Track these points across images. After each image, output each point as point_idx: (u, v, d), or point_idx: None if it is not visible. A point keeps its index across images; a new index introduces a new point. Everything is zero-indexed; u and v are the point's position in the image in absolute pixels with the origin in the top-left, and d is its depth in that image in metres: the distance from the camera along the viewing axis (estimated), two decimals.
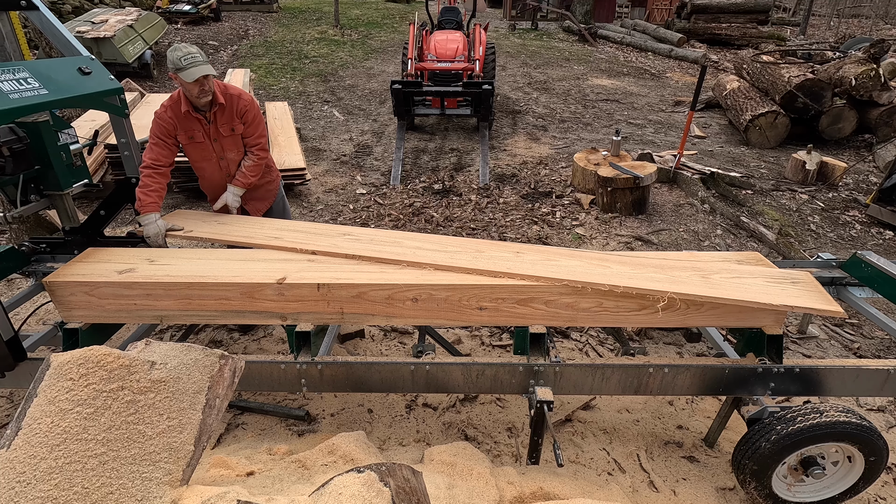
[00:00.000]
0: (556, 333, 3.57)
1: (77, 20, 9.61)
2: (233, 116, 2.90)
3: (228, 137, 2.94)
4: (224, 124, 2.90)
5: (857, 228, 5.30)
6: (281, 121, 6.83)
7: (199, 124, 2.86)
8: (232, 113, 2.89)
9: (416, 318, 2.30)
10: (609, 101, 9.81)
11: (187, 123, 2.84)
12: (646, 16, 18.75)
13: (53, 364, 1.41)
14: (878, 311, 2.63)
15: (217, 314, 2.31)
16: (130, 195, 2.77)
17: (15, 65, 2.13)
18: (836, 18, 20.76)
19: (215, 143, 2.93)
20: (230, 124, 2.91)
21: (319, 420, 2.84)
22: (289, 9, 18.34)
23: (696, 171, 6.01)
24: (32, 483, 1.25)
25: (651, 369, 2.25)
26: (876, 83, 7.06)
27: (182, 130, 2.85)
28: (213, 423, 1.48)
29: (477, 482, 2.12)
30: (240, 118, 2.91)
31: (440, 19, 9.19)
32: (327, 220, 5.27)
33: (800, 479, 2.31)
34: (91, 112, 5.77)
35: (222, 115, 2.88)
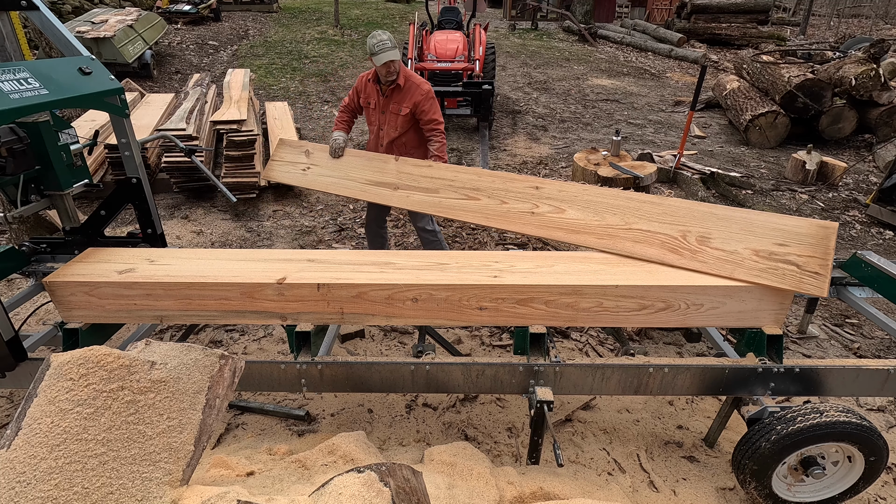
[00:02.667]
0: (556, 333, 3.57)
1: (77, 20, 9.60)
2: (405, 99, 3.44)
3: (393, 115, 3.49)
4: (395, 103, 3.47)
5: (857, 228, 5.30)
6: (281, 121, 6.82)
7: (375, 94, 3.52)
8: (406, 96, 3.43)
9: (416, 318, 2.30)
10: (609, 101, 9.82)
11: (368, 91, 3.55)
12: (646, 16, 18.75)
13: (53, 364, 1.41)
14: (878, 311, 2.63)
15: (217, 314, 2.31)
16: (131, 195, 2.78)
17: (15, 65, 2.13)
18: (836, 18, 20.76)
19: (382, 114, 3.53)
20: (400, 105, 3.45)
21: (319, 420, 2.84)
22: (289, 9, 18.34)
23: (696, 171, 6.01)
24: (32, 483, 1.25)
25: (651, 369, 2.25)
26: (876, 83, 7.06)
27: (363, 94, 3.59)
28: (213, 423, 1.48)
29: (477, 482, 2.12)
30: (413, 104, 3.43)
31: (440, 19, 9.19)
32: (327, 220, 5.27)
33: (800, 479, 2.31)
34: (91, 112, 5.77)
35: (396, 95, 3.45)
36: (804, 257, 2.18)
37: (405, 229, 5.10)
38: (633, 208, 2.53)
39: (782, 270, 2.20)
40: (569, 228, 2.63)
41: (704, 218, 2.40)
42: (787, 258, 2.21)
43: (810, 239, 2.19)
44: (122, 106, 2.59)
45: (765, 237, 2.27)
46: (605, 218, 2.57)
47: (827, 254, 2.14)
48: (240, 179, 5.27)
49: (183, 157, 5.11)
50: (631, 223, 2.52)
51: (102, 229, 2.86)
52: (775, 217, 2.29)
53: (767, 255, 2.24)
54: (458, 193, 2.91)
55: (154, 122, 5.84)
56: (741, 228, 2.32)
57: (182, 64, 11.11)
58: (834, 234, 2.16)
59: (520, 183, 2.81)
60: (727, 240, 2.33)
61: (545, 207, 2.70)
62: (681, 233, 2.42)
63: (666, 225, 2.45)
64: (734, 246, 2.31)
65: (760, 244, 2.26)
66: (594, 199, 2.62)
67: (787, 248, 2.22)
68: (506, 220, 2.78)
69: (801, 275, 2.17)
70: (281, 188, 5.67)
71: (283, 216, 5.34)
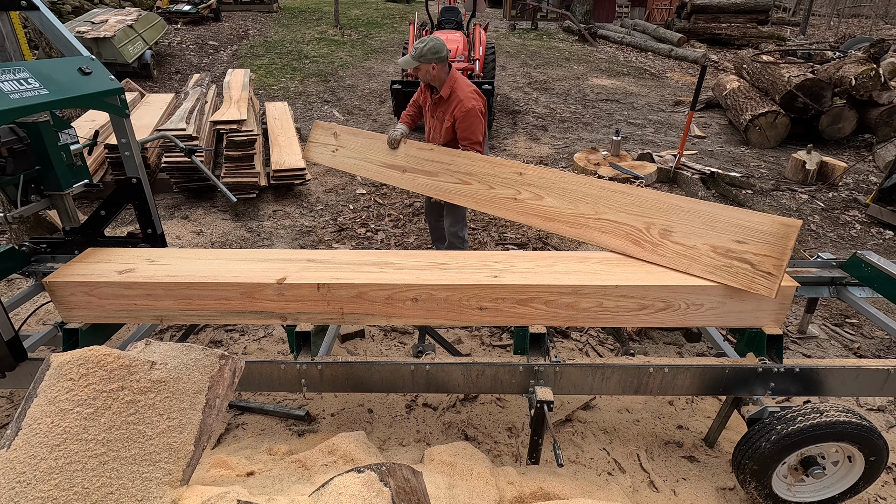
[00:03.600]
0: (556, 333, 3.57)
1: (77, 20, 9.60)
2: (447, 112, 3.45)
3: (438, 122, 3.55)
4: (439, 112, 3.52)
5: (857, 228, 5.30)
6: (281, 121, 6.83)
7: (428, 97, 3.62)
8: (448, 109, 3.44)
9: (416, 318, 2.30)
10: (609, 101, 9.82)
11: (424, 92, 3.67)
12: (646, 16, 18.75)
13: (53, 364, 1.41)
14: (878, 311, 2.63)
15: (217, 314, 2.31)
16: (131, 195, 2.78)
17: (15, 65, 2.13)
18: (836, 18, 20.77)
19: (431, 118, 3.63)
20: (443, 116, 3.48)
21: (319, 420, 2.84)
22: (289, 9, 18.34)
23: (696, 171, 6.01)
24: (32, 483, 1.25)
25: (651, 369, 2.25)
26: (876, 83, 7.06)
27: (422, 94, 3.70)
28: (213, 423, 1.48)
29: (477, 482, 2.12)
30: (453, 118, 3.42)
31: (440, 19, 9.18)
32: (327, 220, 5.27)
33: (800, 479, 2.31)
34: (91, 112, 5.77)
35: (442, 105, 3.50)
36: (760, 256, 2.13)
37: (405, 229, 5.10)
38: (604, 197, 2.54)
39: (736, 269, 2.18)
40: (545, 216, 2.69)
41: (670, 210, 2.38)
42: (742, 256, 2.17)
43: (769, 237, 2.13)
44: (122, 106, 2.59)
45: (725, 233, 2.23)
46: (577, 207, 2.60)
47: (783, 254, 2.07)
48: (240, 179, 5.28)
49: (183, 157, 5.11)
50: (600, 213, 2.54)
51: (102, 229, 2.86)
52: (739, 213, 2.24)
53: (725, 251, 2.21)
54: (454, 178, 2.99)
55: (154, 122, 5.84)
56: (703, 223, 2.29)
57: (182, 64, 11.11)
58: (795, 233, 2.07)
59: (506, 168, 2.84)
60: (688, 234, 2.31)
61: (526, 194, 2.74)
62: (645, 225, 2.42)
63: (632, 216, 2.46)
64: (694, 241, 2.29)
65: (720, 240, 2.24)
66: (570, 186, 2.64)
67: (744, 245, 2.18)
68: (492, 206, 2.86)
69: (753, 274, 2.14)
70: (280, 188, 5.67)
71: (283, 216, 5.34)
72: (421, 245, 4.84)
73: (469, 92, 3.43)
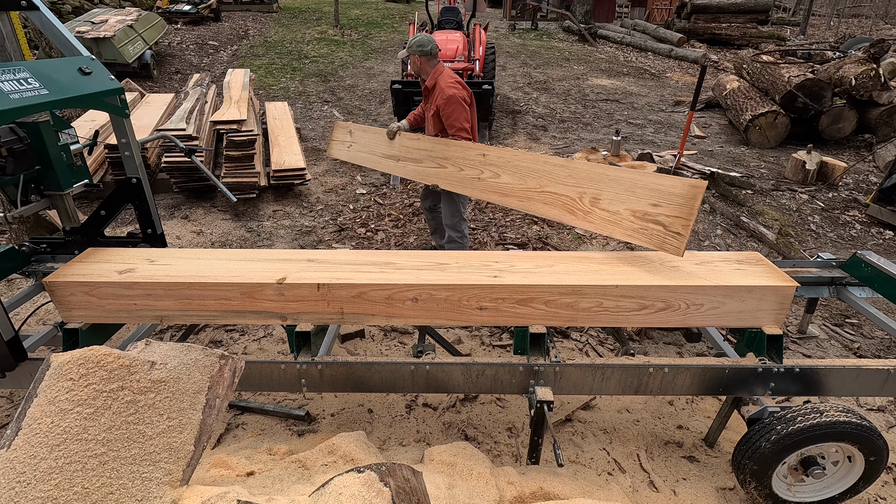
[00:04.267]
0: (556, 333, 3.57)
1: (77, 20, 9.60)
2: (432, 102, 3.66)
3: (428, 114, 3.77)
4: (428, 103, 3.74)
5: (857, 228, 5.30)
6: (281, 121, 6.83)
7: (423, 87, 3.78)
8: (433, 99, 3.66)
9: (416, 318, 2.30)
10: (609, 101, 9.82)
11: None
12: (646, 16, 18.75)
13: (53, 364, 1.41)
14: (878, 311, 2.63)
15: (217, 314, 2.31)
16: (131, 195, 2.78)
17: (15, 65, 2.13)
18: (836, 18, 20.77)
19: (424, 110, 3.84)
20: (430, 106, 3.71)
21: (319, 420, 2.84)
22: (289, 9, 18.34)
23: (696, 171, 6.01)
24: (32, 483, 1.25)
25: (651, 369, 2.25)
26: (876, 83, 7.06)
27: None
28: (213, 423, 1.48)
29: (477, 482, 2.12)
30: (436, 107, 3.61)
31: (440, 19, 9.18)
32: (327, 220, 5.27)
33: (800, 479, 2.31)
34: (91, 112, 5.77)
35: (428, 96, 3.73)
36: (671, 217, 2.26)
37: (405, 229, 5.10)
38: (547, 171, 2.72)
39: (651, 230, 2.32)
40: (501, 192, 2.92)
41: (599, 180, 2.52)
42: (657, 218, 2.30)
43: (679, 199, 2.25)
44: (122, 106, 2.59)
45: (644, 198, 2.36)
46: (526, 182, 2.81)
47: (691, 214, 2.20)
48: (240, 179, 5.28)
49: (183, 157, 5.11)
50: (544, 186, 2.73)
51: (102, 229, 2.86)
52: (657, 178, 2.36)
53: (642, 215, 2.34)
54: (434, 162, 3.30)
55: (154, 122, 5.84)
56: (625, 189, 2.42)
57: (182, 64, 11.11)
58: (701, 193, 2.20)
59: (473, 151, 3.12)
60: (613, 201, 2.45)
61: (487, 173, 2.99)
62: (578, 194, 2.58)
63: (569, 187, 2.62)
64: (617, 206, 2.43)
65: (639, 205, 2.36)
66: (521, 164, 2.84)
67: (659, 208, 2.30)
68: (462, 186, 3.16)
69: (664, 235, 2.27)
70: (280, 188, 5.67)
71: (283, 216, 5.34)
72: (421, 245, 4.84)
73: (450, 82, 3.61)
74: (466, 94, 3.63)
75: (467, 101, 3.60)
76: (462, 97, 3.57)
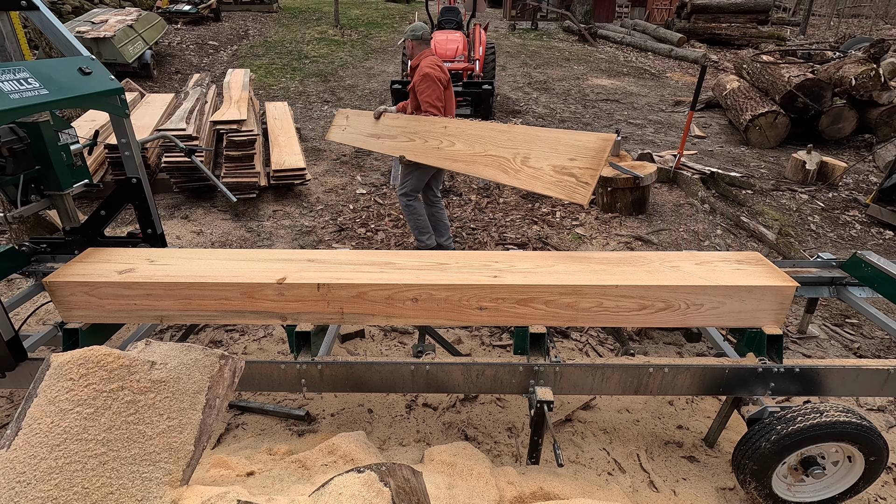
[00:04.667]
0: (556, 333, 3.57)
1: (77, 20, 9.60)
2: (413, 79, 3.97)
3: (409, 88, 4.03)
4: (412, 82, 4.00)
5: (857, 228, 5.30)
6: (281, 121, 6.83)
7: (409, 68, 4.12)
8: (413, 76, 3.96)
9: (416, 318, 2.30)
10: (609, 101, 9.82)
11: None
12: (646, 16, 18.76)
13: (53, 364, 1.41)
14: (878, 311, 2.63)
15: (217, 314, 2.31)
16: (131, 195, 2.78)
17: (15, 65, 2.13)
18: (836, 18, 20.77)
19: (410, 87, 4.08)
20: (412, 84, 3.98)
21: (319, 420, 2.84)
22: (289, 9, 18.34)
23: (696, 171, 6.01)
24: (32, 483, 1.25)
25: (651, 369, 2.25)
26: (876, 83, 7.06)
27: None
28: (213, 423, 1.48)
29: (477, 482, 2.12)
30: (413, 83, 3.93)
31: (440, 19, 9.20)
32: (327, 220, 5.27)
33: (800, 479, 2.31)
34: (91, 112, 5.77)
35: (412, 75, 4.01)
36: (582, 169, 2.45)
37: (405, 229, 5.10)
38: (491, 137, 3.03)
39: (565, 182, 2.52)
40: (453, 158, 3.25)
41: (531, 141, 2.79)
42: (571, 171, 2.50)
43: (591, 152, 2.45)
44: (122, 106, 2.59)
45: (564, 154, 2.57)
46: (474, 147, 3.13)
47: (599, 164, 2.41)
48: (240, 179, 5.28)
49: (183, 157, 5.11)
50: (487, 150, 3.02)
51: (102, 229, 2.86)
52: (576, 135, 2.58)
53: (560, 169, 2.56)
54: (406, 137, 3.69)
55: (154, 122, 5.84)
56: (550, 147, 2.66)
57: (182, 64, 11.11)
58: (609, 145, 2.42)
59: (436, 124, 3.50)
60: (539, 158, 2.70)
61: (446, 143, 3.34)
62: (513, 155, 2.84)
63: (506, 149, 2.90)
64: (542, 163, 2.67)
65: (559, 160, 2.58)
66: (472, 132, 3.19)
67: (575, 161, 2.51)
68: (426, 156, 3.49)
69: (575, 185, 2.46)
70: (280, 188, 5.67)
71: (283, 216, 5.34)
72: (418, 246, 4.83)
73: (430, 63, 3.91)
74: (443, 76, 3.95)
75: (443, 82, 3.92)
76: (437, 77, 3.88)
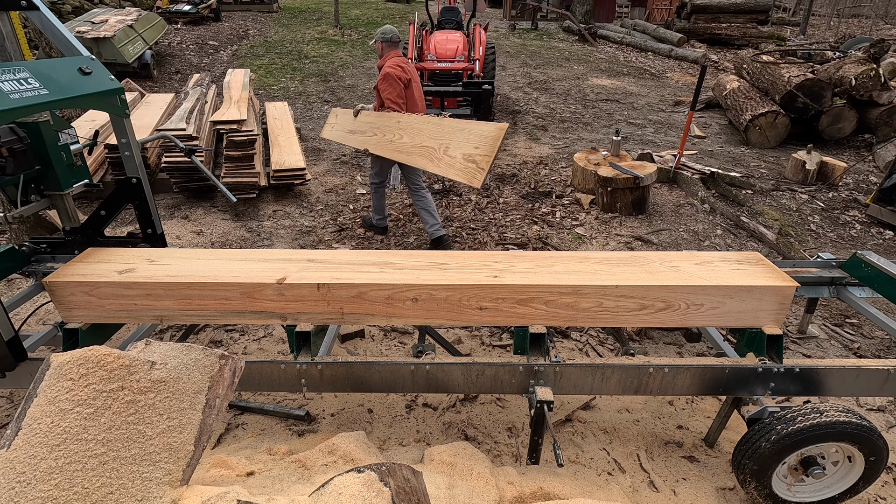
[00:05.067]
0: (556, 333, 3.57)
1: (77, 20, 9.60)
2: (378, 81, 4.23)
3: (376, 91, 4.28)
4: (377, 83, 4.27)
5: (857, 228, 5.30)
6: (281, 121, 6.83)
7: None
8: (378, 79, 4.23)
9: (416, 318, 2.30)
10: (609, 101, 9.82)
11: None
12: (646, 16, 18.75)
13: (53, 364, 1.41)
14: (878, 311, 2.63)
15: (217, 314, 2.31)
16: (131, 195, 2.78)
17: (15, 65, 2.13)
18: (836, 18, 20.77)
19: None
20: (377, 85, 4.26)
21: (319, 420, 2.84)
22: (289, 9, 18.34)
23: (696, 171, 6.01)
24: (32, 483, 1.25)
25: (651, 369, 2.25)
26: (876, 83, 7.06)
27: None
28: (213, 423, 1.48)
29: (477, 482, 2.12)
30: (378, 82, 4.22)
31: (440, 19, 9.20)
32: (327, 220, 5.27)
33: (800, 479, 2.31)
34: (91, 112, 5.77)
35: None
36: (482, 156, 2.88)
37: (405, 229, 5.10)
38: (427, 130, 3.40)
39: (468, 168, 2.94)
40: (399, 150, 3.61)
41: (452, 132, 3.20)
42: (474, 158, 2.92)
43: (489, 140, 2.87)
44: (123, 106, 2.59)
45: (472, 143, 2.99)
46: (414, 139, 3.50)
47: (493, 150, 2.86)
48: (240, 179, 5.27)
49: (183, 157, 5.11)
50: (423, 142, 3.38)
51: (102, 229, 2.86)
52: (482, 126, 3.01)
53: (468, 157, 2.97)
54: (371, 132, 4.05)
55: (154, 122, 5.84)
56: (464, 138, 3.07)
57: (182, 64, 11.11)
58: (502, 132, 2.89)
59: (392, 120, 3.87)
60: (456, 148, 3.10)
61: (397, 136, 3.71)
62: (438, 145, 3.23)
63: (435, 140, 3.28)
64: (457, 152, 3.08)
65: (468, 149, 3.01)
66: (416, 126, 3.59)
67: (478, 150, 2.93)
68: (383, 148, 3.87)
69: (475, 170, 2.88)
70: (280, 188, 5.67)
71: (283, 216, 5.34)
72: (421, 245, 4.84)
73: (392, 63, 4.17)
74: (404, 75, 4.18)
75: (403, 80, 4.16)
76: (398, 76, 4.12)
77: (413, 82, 4.32)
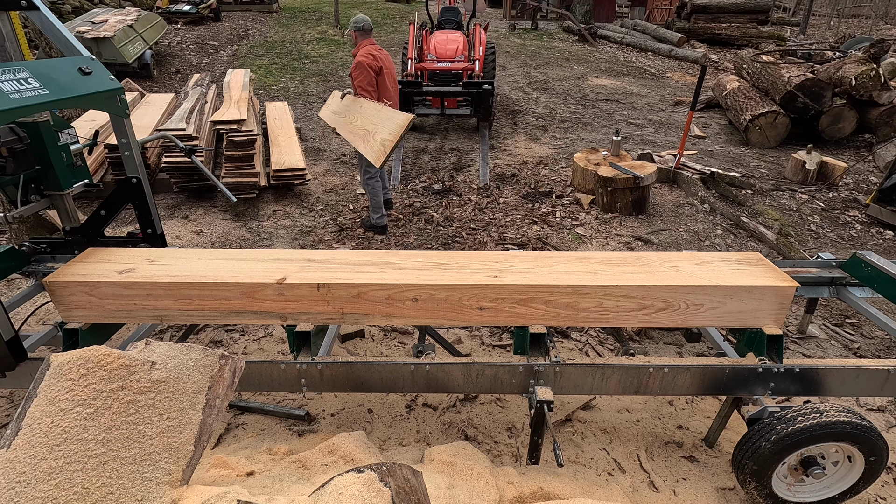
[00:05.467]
0: (556, 333, 3.57)
1: (77, 20, 9.60)
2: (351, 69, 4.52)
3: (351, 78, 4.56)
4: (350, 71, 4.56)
5: (857, 228, 5.30)
6: (281, 121, 6.83)
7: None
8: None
9: (416, 318, 2.30)
10: (609, 101, 9.82)
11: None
12: (646, 16, 18.75)
13: (53, 364, 1.41)
14: (878, 311, 2.63)
15: (217, 314, 2.31)
16: (131, 195, 2.78)
17: (15, 65, 2.13)
18: (836, 18, 20.77)
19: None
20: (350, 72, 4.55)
21: (319, 420, 2.84)
22: (289, 9, 18.34)
23: (696, 171, 6.01)
24: (32, 483, 1.25)
25: (651, 369, 2.25)
26: (876, 83, 7.06)
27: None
28: (213, 423, 1.48)
29: (477, 482, 2.12)
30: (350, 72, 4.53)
31: (440, 19, 9.19)
32: (327, 220, 5.27)
33: (800, 479, 2.31)
34: (91, 112, 5.77)
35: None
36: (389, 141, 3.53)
37: (405, 229, 5.10)
38: (371, 115, 3.90)
39: (378, 149, 3.55)
40: (353, 132, 4.02)
41: (381, 118, 3.76)
42: (384, 142, 3.53)
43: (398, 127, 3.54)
44: (123, 106, 2.59)
45: (389, 128, 3.58)
46: (364, 123, 3.93)
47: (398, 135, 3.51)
48: (240, 179, 5.27)
49: (183, 157, 5.11)
50: (365, 125, 3.89)
51: (102, 229, 2.86)
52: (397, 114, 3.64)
53: (383, 141, 3.55)
54: (344, 114, 4.32)
55: (154, 122, 5.84)
56: (384, 124, 3.64)
57: (182, 64, 11.11)
58: (407, 122, 3.53)
59: (356, 104, 4.23)
60: (380, 132, 3.65)
61: (356, 119, 4.10)
62: (372, 129, 3.75)
63: (373, 125, 3.79)
64: (379, 137, 3.62)
65: (385, 133, 3.57)
66: (368, 111, 3.99)
67: (390, 135, 3.52)
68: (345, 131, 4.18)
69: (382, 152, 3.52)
70: (280, 188, 5.67)
71: (283, 216, 5.34)
72: (421, 245, 4.84)
73: (364, 52, 4.44)
74: (375, 64, 4.41)
75: (374, 69, 4.41)
76: (369, 64, 4.38)
77: (385, 70, 4.53)
